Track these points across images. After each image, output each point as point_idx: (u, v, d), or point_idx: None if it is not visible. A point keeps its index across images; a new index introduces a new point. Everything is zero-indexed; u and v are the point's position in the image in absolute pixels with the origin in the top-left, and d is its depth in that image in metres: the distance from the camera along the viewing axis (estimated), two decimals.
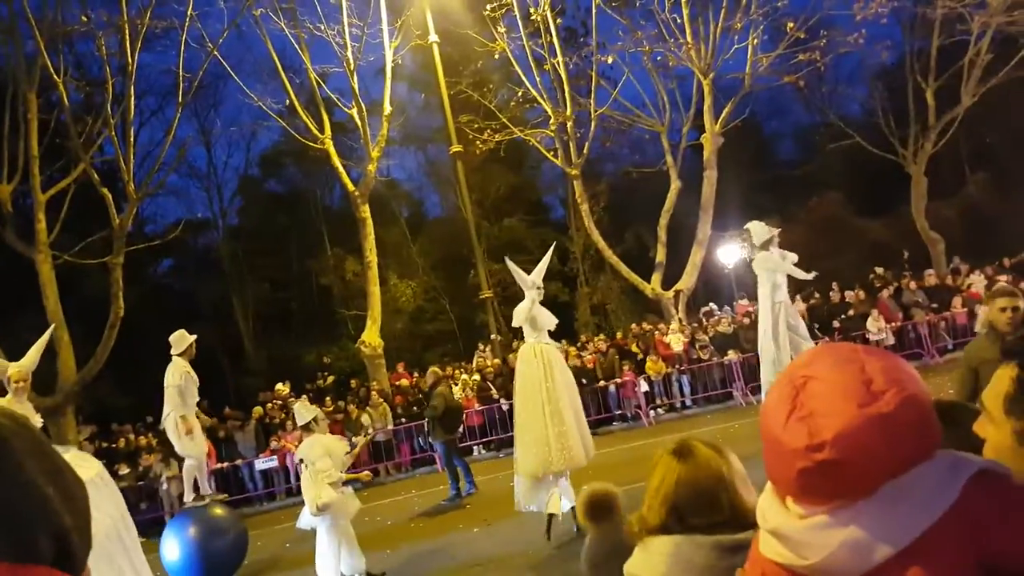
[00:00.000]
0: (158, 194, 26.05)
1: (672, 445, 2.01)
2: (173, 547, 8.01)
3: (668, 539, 1.88)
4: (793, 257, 9.24)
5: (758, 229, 9.05)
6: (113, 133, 15.61)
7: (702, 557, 1.82)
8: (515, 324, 8.00)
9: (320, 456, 6.71)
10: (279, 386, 18.15)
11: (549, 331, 7.91)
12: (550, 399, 7.30)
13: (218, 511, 8.53)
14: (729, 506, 1.87)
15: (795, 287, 21.49)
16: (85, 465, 5.79)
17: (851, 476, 1.12)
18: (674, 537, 1.87)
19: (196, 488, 8.74)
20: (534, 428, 7.29)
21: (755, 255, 9.07)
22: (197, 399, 8.68)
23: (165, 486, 14.63)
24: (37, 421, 6.17)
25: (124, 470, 14.69)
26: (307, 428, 7.11)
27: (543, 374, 7.41)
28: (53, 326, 6.76)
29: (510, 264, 8.24)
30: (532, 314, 7.73)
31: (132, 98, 15.67)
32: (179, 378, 8.32)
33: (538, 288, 7.84)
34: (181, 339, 8.48)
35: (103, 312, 15.80)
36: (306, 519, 6.98)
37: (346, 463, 7.09)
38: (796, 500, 1.21)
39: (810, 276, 9.42)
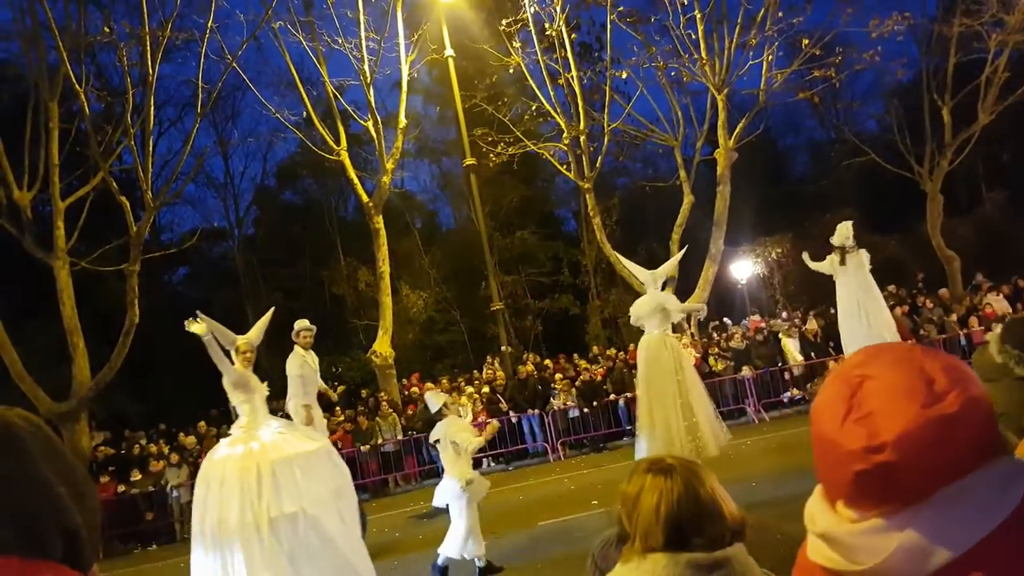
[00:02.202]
0: (175, 203, 26.38)
1: (645, 465, 1.94)
2: None
3: (650, 558, 1.81)
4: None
5: (850, 228, 9.25)
6: (132, 142, 15.82)
7: (677, 575, 1.78)
8: (634, 316, 8.23)
9: (455, 433, 7.23)
10: None
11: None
12: (682, 391, 7.47)
13: None
14: (730, 514, 1.84)
15: (810, 304, 21.43)
16: (301, 441, 5.99)
17: (910, 479, 1.09)
18: (654, 556, 1.81)
19: None
20: (664, 418, 7.43)
21: (850, 254, 9.14)
22: (317, 387, 8.82)
23: (175, 494, 14.70)
24: (264, 390, 6.37)
25: (136, 476, 14.77)
26: (439, 414, 7.58)
27: (674, 366, 7.57)
28: (273, 308, 7.06)
29: (626, 262, 8.98)
30: (661, 305, 7.94)
31: (152, 108, 15.90)
32: (298, 367, 8.42)
33: (655, 284, 8.25)
34: (297, 325, 8.81)
35: (118, 319, 15.96)
36: (441, 497, 7.32)
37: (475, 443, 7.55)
38: (848, 504, 1.18)
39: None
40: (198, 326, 6.15)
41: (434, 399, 7.74)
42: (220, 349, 6.23)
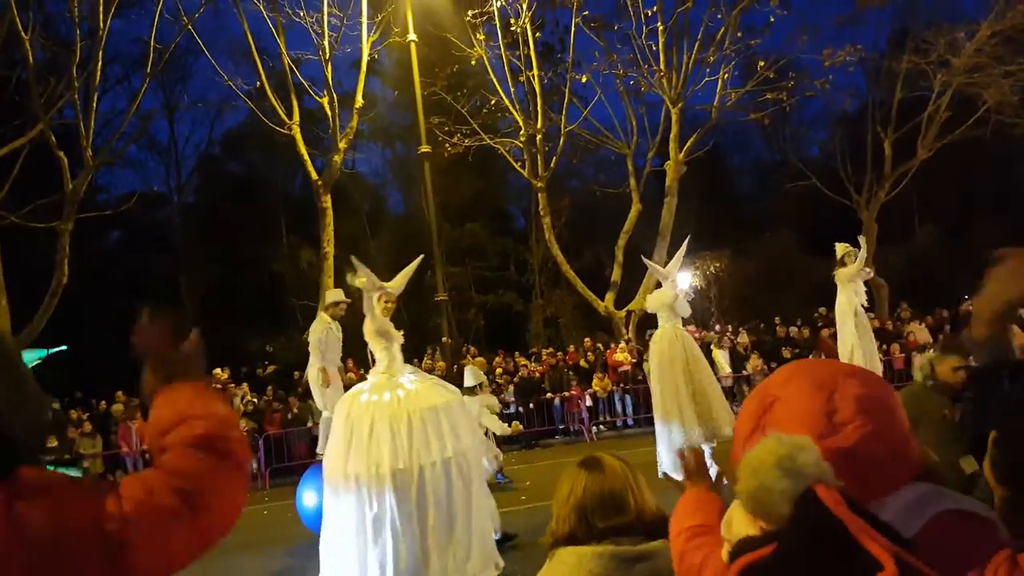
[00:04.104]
0: (114, 164, 25.45)
1: (580, 460, 2.08)
2: (310, 496, 8.30)
3: (572, 550, 1.91)
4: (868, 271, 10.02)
5: (838, 249, 9.78)
6: (76, 97, 15.24)
7: (600, 567, 1.85)
8: (651, 310, 8.86)
9: (486, 409, 7.87)
10: (217, 371, 17.80)
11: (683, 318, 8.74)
12: (693, 380, 8.10)
13: None
14: (636, 509, 1.93)
15: (740, 318, 21.99)
16: (440, 391, 6.11)
17: None
18: (578, 548, 1.91)
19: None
20: (677, 406, 8.06)
21: (837, 270, 9.71)
22: (340, 355, 9.01)
23: (85, 464, 14.25)
24: (400, 339, 6.34)
25: (52, 443, 14.25)
26: (471, 391, 7.97)
27: (685, 356, 8.20)
28: (422, 255, 6.93)
29: (647, 261, 9.35)
30: (669, 303, 8.45)
31: (100, 64, 15.33)
32: (320, 332, 8.56)
33: (673, 280, 8.68)
34: (331, 296, 9.01)
35: (45, 280, 15.35)
36: None
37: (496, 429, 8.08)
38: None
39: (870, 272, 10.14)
40: (360, 279, 6.19)
41: (472, 376, 8.19)
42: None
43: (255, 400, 16.38)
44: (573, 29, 18.66)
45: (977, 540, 1.07)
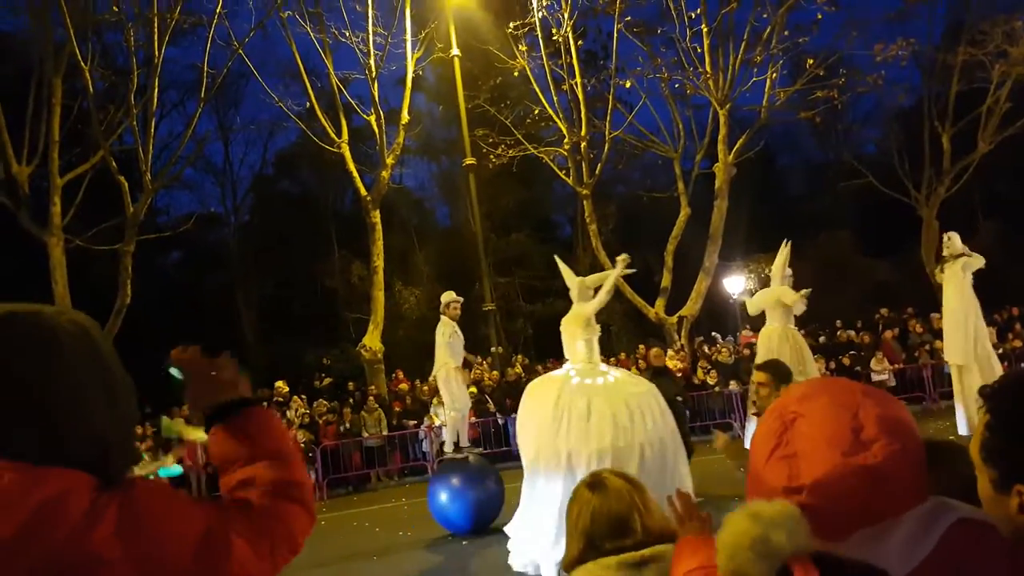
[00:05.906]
0: (172, 186, 26.28)
1: (588, 478, 2.11)
2: (440, 494, 8.68)
3: (584, 568, 1.96)
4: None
5: (958, 240, 9.78)
6: (134, 123, 15.78)
7: None
8: (754, 312, 8.84)
9: None
10: (278, 384, 18.17)
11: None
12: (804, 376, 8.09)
13: (477, 462, 9.07)
14: (642, 528, 1.96)
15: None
16: (634, 382, 6.73)
17: (825, 522, 1.09)
18: (587, 566, 1.95)
19: (457, 442, 9.40)
20: None
21: (952, 263, 9.52)
22: (463, 355, 9.46)
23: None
24: (598, 330, 6.98)
25: None
26: None
27: (796, 358, 8.01)
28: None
29: (784, 250, 8.90)
30: (778, 298, 8.41)
31: (156, 90, 15.87)
32: (448, 336, 9.03)
33: (790, 277, 8.68)
34: (445, 297, 9.48)
35: (108, 299, 15.89)
36: None
37: None
38: None
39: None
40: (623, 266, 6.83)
41: None
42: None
43: (309, 411, 16.63)
44: (616, 35, 18.60)
45: (987, 548, 1.09)
